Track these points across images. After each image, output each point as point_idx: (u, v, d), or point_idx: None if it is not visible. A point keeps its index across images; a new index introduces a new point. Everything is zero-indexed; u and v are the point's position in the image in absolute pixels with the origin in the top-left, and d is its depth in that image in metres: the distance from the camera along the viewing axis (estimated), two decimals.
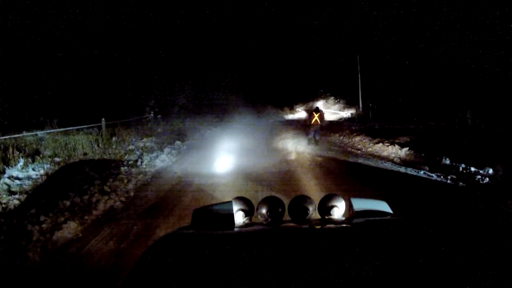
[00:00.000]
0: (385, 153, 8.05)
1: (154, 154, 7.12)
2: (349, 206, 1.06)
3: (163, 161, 6.80)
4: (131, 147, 8.01)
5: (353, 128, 12.81)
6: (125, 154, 6.86)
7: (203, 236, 0.87)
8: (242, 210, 1.11)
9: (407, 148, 7.78)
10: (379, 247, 0.72)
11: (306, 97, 29.75)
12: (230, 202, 1.01)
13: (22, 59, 12.66)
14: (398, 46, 18.27)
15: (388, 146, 8.37)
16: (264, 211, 1.11)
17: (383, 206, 1.06)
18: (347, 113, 23.13)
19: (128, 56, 17.56)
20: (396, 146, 8.12)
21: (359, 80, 18.58)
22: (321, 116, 9.41)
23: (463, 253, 0.68)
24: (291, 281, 0.58)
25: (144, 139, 9.64)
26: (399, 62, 18.62)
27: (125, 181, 4.85)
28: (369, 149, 8.82)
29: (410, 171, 6.15)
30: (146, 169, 5.89)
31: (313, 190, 4.61)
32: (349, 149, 9.14)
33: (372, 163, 6.97)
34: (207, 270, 0.64)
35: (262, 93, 22.94)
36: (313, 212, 1.12)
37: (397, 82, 18.67)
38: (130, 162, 5.98)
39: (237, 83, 21.00)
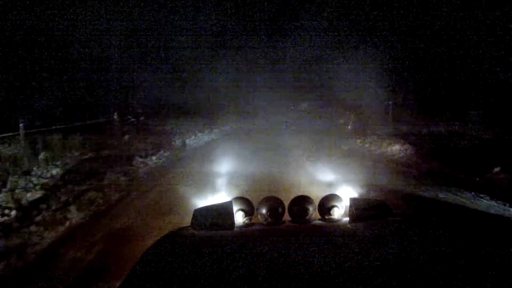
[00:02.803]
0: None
1: (77, 188, 3.98)
2: (349, 206, 1.03)
3: (66, 222, 3.33)
4: (42, 179, 4.74)
5: (377, 132, 9.90)
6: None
7: (203, 236, 0.86)
8: (242, 210, 1.09)
9: (499, 169, 4.89)
10: (379, 247, 0.71)
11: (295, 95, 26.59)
12: (230, 202, 0.99)
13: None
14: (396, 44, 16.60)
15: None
16: (264, 211, 1.09)
17: (383, 206, 1.02)
18: (353, 114, 20.38)
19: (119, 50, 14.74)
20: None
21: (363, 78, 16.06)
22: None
23: (462, 253, 0.67)
24: (291, 281, 0.57)
25: (89, 155, 6.46)
26: (397, 60, 16.90)
27: None
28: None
29: None
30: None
31: None
32: (394, 165, 6.18)
33: (465, 199, 4.02)
34: (207, 270, 0.63)
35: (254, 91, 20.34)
36: (313, 212, 1.11)
37: (395, 80, 16.91)
38: None
39: (234, 83, 18.84)
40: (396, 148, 7.24)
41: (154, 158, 6.59)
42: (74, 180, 4.78)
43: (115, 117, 10.40)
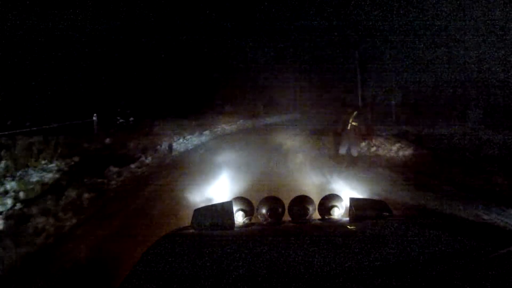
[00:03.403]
0: None
1: (26, 211, 3.07)
2: (349, 206, 1.02)
3: None
4: None
5: (382, 133, 9.18)
6: None
7: (203, 236, 0.85)
8: (242, 210, 1.08)
9: None
10: (379, 247, 0.70)
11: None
12: (230, 202, 0.98)
13: None
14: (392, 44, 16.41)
15: None
16: (264, 211, 1.08)
17: (383, 206, 1.00)
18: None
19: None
20: None
21: (359, 77, 15.78)
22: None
23: (462, 253, 0.66)
24: (291, 281, 0.56)
25: (56, 163, 5.52)
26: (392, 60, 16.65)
27: None
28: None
29: None
30: None
31: None
32: (410, 174, 5.42)
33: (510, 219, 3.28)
34: (207, 270, 0.62)
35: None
36: (313, 212, 1.09)
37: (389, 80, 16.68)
38: None
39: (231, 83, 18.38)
40: (408, 153, 6.49)
41: (132, 166, 5.68)
42: (27, 199, 3.86)
43: (94, 118, 9.41)
